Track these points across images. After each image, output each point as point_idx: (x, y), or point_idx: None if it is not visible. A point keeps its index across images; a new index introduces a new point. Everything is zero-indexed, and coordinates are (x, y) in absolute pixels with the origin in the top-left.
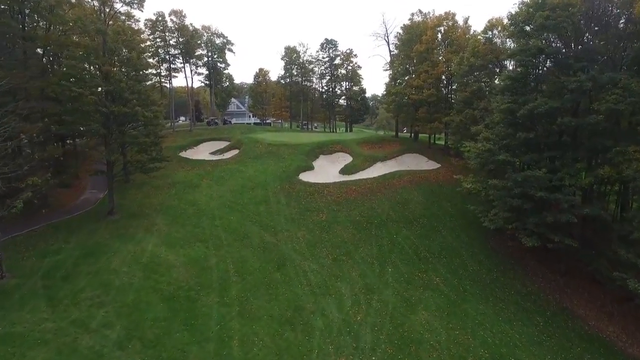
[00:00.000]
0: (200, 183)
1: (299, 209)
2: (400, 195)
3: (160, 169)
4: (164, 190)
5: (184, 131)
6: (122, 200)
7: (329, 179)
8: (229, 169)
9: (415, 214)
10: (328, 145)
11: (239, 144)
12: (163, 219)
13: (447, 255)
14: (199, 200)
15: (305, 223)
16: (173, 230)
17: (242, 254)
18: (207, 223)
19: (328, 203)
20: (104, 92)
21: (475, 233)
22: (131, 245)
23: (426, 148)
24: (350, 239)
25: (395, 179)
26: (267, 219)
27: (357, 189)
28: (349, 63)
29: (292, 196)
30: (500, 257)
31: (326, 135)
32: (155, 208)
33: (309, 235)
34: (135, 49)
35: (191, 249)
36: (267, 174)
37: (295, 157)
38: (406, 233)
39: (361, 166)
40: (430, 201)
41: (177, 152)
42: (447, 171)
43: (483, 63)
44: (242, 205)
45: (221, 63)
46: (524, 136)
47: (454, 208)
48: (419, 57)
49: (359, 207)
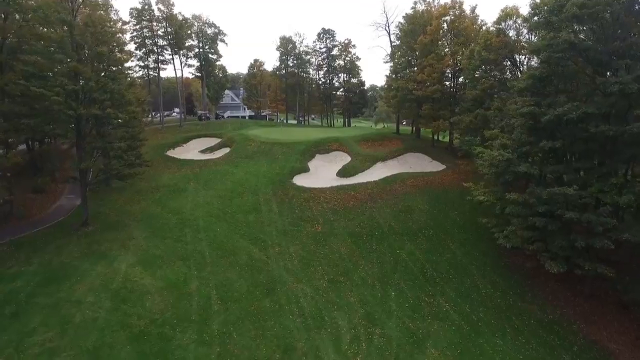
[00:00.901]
0: (187, 187)
1: (292, 218)
2: (403, 203)
3: (140, 175)
4: (147, 195)
5: (173, 127)
6: (101, 207)
7: (326, 182)
8: (218, 171)
9: (419, 225)
10: (324, 143)
11: (230, 141)
12: (143, 230)
13: (457, 275)
14: (183, 207)
15: (298, 236)
16: (152, 245)
17: (227, 276)
18: (191, 236)
19: (324, 211)
20: (70, 91)
21: (486, 248)
22: (102, 265)
23: (429, 146)
24: (349, 255)
25: (397, 183)
26: (256, 231)
27: (356, 194)
28: (347, 54)
29: (285, 203)
30: (516, 276)
31: (323, 130)
32: (135, 217)
33: (303, 251)
34: (108, 42)
35: (170, 270)
36: (258, 176)
37: (290, 157)
38: (410, 247)
39: (360, 167)
40: (436, 209)
41: (164, 151)
42: (453, 174)
43: (496, 57)
44: (230, 214)
45: (213, 54)
46: (549, 145)
47: (462, 218)
48: (423, 49)
49: (358, 216)
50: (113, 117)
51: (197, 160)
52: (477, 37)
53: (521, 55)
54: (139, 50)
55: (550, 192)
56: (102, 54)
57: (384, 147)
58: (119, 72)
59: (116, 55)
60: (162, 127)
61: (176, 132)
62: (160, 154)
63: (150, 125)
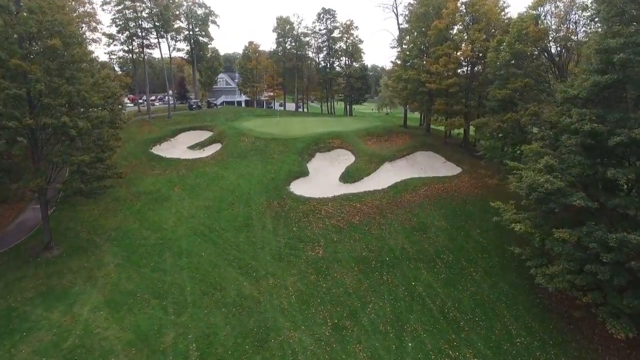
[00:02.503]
0: (171, 194)
1: (289, 238)
2: (417, 218)
3: (111, 187)
4: (125, 204)
5: (161, 117)
6: (71, 221)
7: (327, 189)
8: (207, 173)
9: (436, 247)
10: (325, 139)
11: (221, 136)
12: (115, 254)
13: (484, 317)
14: (165, 222)
15: (296, 262)
16: (124, 277)
17: (210, 321)
18: (171, 262)
19: (326, 229)
20: (12, 97)
21: (516, 279)
22: (59, 310)
23: (442, 144)
24: (356, 289)
25: (408, 191)
26: (248, 256)
27: (361, 207)
28: (348, 36)
29: (280, 218)
30: (555, 319)
31: (323, 121)
32: (109, 235)
33: (302, 284)
34: (63, 34)
35: (142, 314)
36: (251, 182)
37: (287, 158)
38: (427, 278)
39: (366, 169)
40: (454, 227)
41: (149, 147)
42: (471, 179)
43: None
44: (217, 231)
45: (204, 37)
46: (615, 174)
47: (485, 238)
48: (437, 35)
49: (365, 236)
50: (70, 126)
51: (184, 159)
52: (500, 23)
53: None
54: (120, 33)
55: (620, 237)
56: (54, 49)
57: (391, 144)
58: (80, 69)
59: (74, 49)
60: (149, 118)
61: (164, 123)
62: (145, 151)
63: (138, 116)
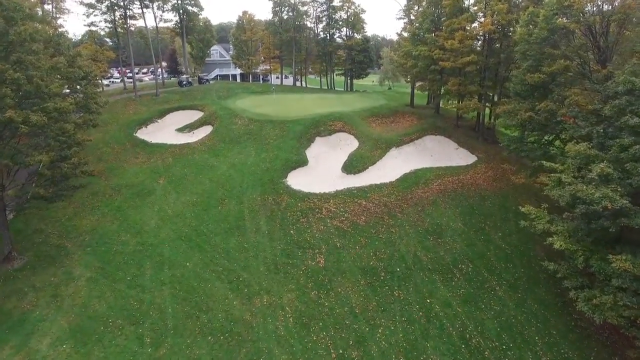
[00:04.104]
0: (155, 187)
1: (286, 243)
2: (430, 218)
3: (83, 186)
4: (104, 199)
5: (149, 95)
6: (41, 222)
7: (329, 182)
8: (196, 162)
9: (453, 255)
10: (326, 121)
11: (213, 117)
12: (88, 264)
13: (512, 343)
14: (147, 222)
15: (294, 274)
16: (95, 295)
17: (194, 354)
18: (150, 275)
19: (328, 233)
20: None
21: (547, 295)
22: (12, 345)
23: (452, 127)
24: (363, 308)
25: (419, 186)
26: (239, 266)
27: (367, 205)
28: (350, 5)
29: (276, 218)
30: (597, 348)
31: (322, 100)
32: (82, 240)
33: (301, 302)
34: (2, 5)
35: (114, 347)
36: (244, 172)
37: (284, 144)
38: (444, 294)
39: (370, 157)
40: (472, 230)
41: (134, 130)
42: (488, 169)
43: (576, 28)
44: (205, 235)
45: (193, 6)
46: None
47: (509, 244)
48: (452, 6)
49: (372, 240)
50: (19, 122)
51: (171, 145)
52: None
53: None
54: (100, 3)
55: None
56: None
57: (397, 126)
58: (31, 51)
59: (21, 26)
60: (136, 96)
61: (151, 102)
62: (129, 135)
63: (123, 94)
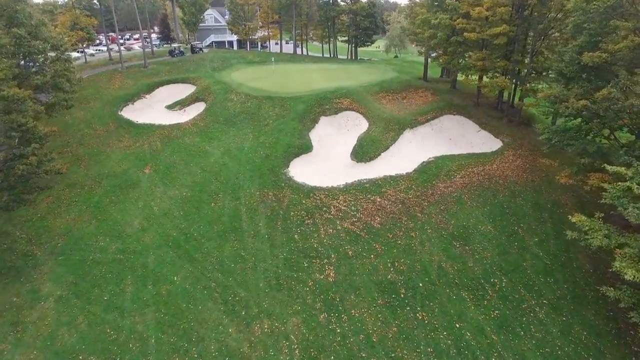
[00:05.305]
0: (140, 178)
1: (290, 251)
2: (455, 220)
3: (47, 189)
4: (82, 193)
5: (136, 67)
6: (9, 222)
7: (336, 173)
8: (187, 147)
9: (484, 267)
10: (331, 98)
11: (206, 93)
12: (59, 279)
13: None
14: (129, 223)
15: (300, 291)
16: (65, 321)
17: None
18: (132, 294)
19: (338, 237)
20: None
21: (598, 319)
22: None
23: (472, 105)
24: (381, 335)
25: (440, 178)
26: (235, 281)
27: (382, 203)
28: None
29: (278, 218)
30: None
31: (326, 72)
32: (54, 245)
33: (308, 329)
34: None
35: None
36: (240, 160)
37: (285, 125)
38: (475, 316)
39: (383, 141)
40: (504, 234)
41: (119, 108)
42: (516, 157)
43: None
44: (195, 239)
45: None
46: None
47: (546, 252)
48: None
49: (389, 247)
50: None
51: (159, 126)
52: None
53: None
54: None
55: None
56: None
57: (410, 103)
58: None
59: None
60: (122, 68)
61: (139, 74)
62: (113, 114)
63: (109, 65)
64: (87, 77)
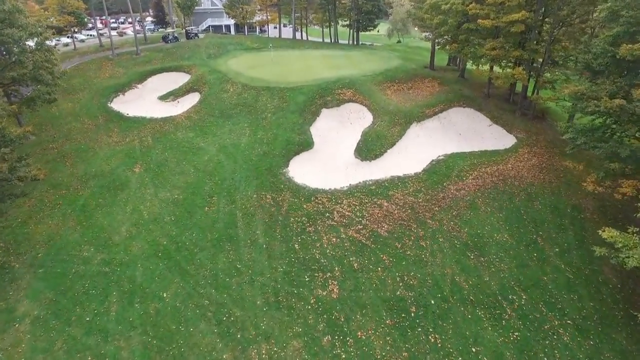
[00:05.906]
0: (129, 178)
1: (289, 263)
2: (469, 227)
3: (23, 196)
4: (67, 195)
5: (128, 54)
6: None
7: (340, 173)
8: (179, 144)
9: (501, 281)
10: (333, 89)
11: (200, 82)
12: (37, 295)
13: None
14: (116, 230)
15: (300, 310)
16: (41, 347)
17: None
18: (116, 313)
19: (342, 247)
20: None
21: (630, 344)
22: None
23: (482, 96)
24: None
25: (451, 179)
26: (229, 298)
27: (390, 208)
28: None
29: (276, 224)
30: None
31: (327, 59)
32: (34, 256)
33: (310, 354)
34: None
35: None
36: (236, 157)
37: (284, 119)
38: (493, 339)
39: (388, 136)
40: (523, 243)
41: (109, 100)
42: (532, 155)
43: None
44: (187, 249)
45: None
46: None
47: (569, 264)
48: None
49: (398, 259)
50: None
51: (151, 119)
52: None
53: None
54: None
55: None
56: None
57: (417, 94)
58: None
59: None
60: (113, 55)
61: (131, 62)
62: (103, 106)
63: (99, 52)
64: (75, 65)
